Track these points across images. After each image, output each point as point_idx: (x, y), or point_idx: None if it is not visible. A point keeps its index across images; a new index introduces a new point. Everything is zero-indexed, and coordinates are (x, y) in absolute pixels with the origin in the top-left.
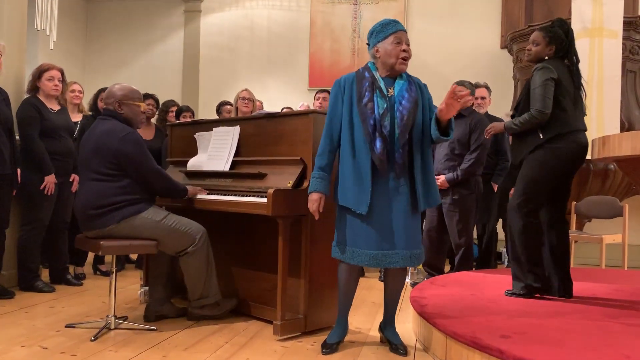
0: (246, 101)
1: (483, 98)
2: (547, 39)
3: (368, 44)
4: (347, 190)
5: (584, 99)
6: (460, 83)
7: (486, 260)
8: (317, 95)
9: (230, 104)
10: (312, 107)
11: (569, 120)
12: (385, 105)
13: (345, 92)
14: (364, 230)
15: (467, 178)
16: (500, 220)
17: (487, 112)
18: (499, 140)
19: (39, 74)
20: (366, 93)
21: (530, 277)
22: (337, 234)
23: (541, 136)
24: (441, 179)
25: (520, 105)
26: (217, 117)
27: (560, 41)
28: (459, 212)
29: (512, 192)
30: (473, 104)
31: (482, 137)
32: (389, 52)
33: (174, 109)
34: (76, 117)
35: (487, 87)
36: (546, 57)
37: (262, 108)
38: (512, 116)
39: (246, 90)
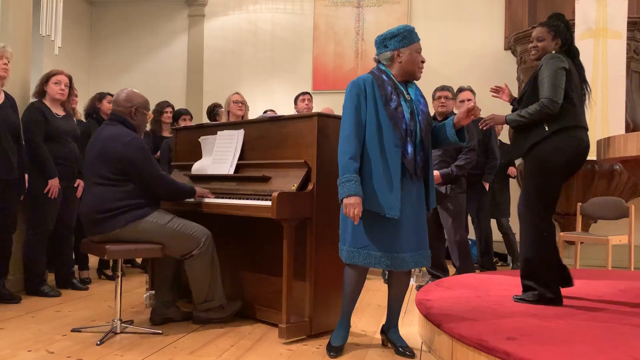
0: (239, 104)
1: (469, 100)
2: (552, 33)
3: (386, 46)
4: (374, 195)
5: (588, 94)
6: (445, 88)
7: (486, 260)
8: (302, 97)
9: (221, 106)
10: (289, 111)
11: (577, 115)
12: (409, 110)
13: (368, 95)
14: (394, 234)
15: (459, 176)
16: (495, 220)
17: None
18: (486, 140)
19: (46, 78)
20: (393, 97)
21: (545, 288)
22: (355, 238)
23: (547, 128)
24: (435, 174)
25: (525, 97)
26: (208, 120)
27: (564, 34)
28: (453, 210)
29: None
30: (453, 109)
31: (473, 140)
32: (414, 59)
33: (169, 109)
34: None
35: (471, 90)
36: (553, 52)
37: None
38: (514, 109)
39: (238, 93)
